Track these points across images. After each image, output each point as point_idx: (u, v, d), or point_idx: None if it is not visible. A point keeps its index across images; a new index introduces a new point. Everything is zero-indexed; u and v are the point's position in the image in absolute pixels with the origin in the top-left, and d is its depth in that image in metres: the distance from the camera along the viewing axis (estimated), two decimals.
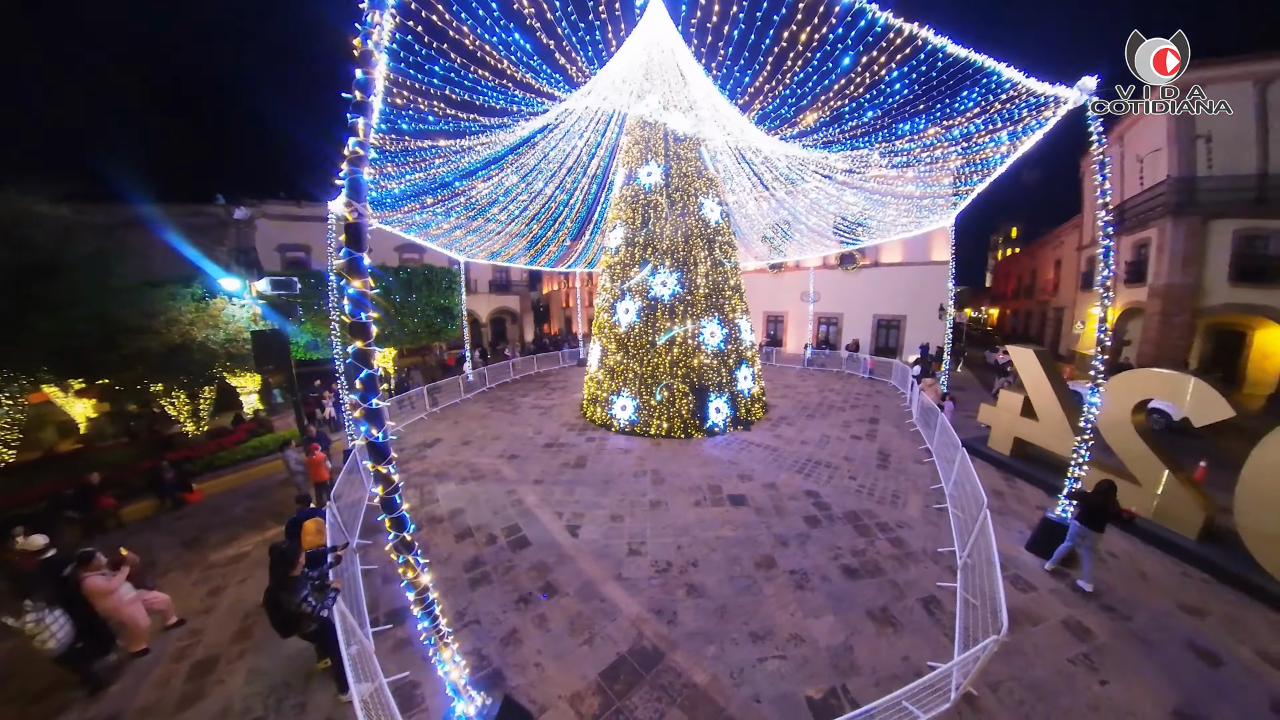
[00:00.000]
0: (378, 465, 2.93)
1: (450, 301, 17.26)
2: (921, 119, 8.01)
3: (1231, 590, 5.33)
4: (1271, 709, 3.81)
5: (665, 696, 3.99)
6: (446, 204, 11.38)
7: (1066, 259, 20.75)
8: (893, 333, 20.85)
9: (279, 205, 19.78)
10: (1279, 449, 5.27)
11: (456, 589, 5.67)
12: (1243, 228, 13.35)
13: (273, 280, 8.43)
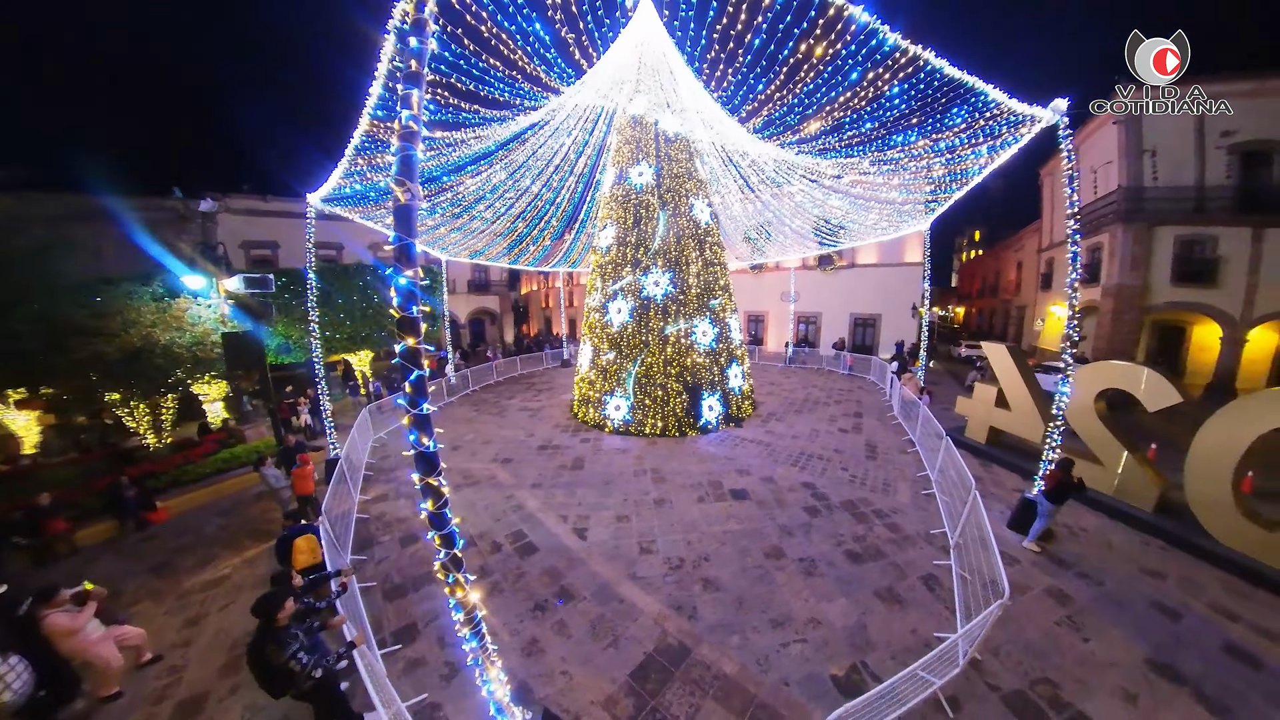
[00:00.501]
0: (428, 478, 2.60)
1: (431, 301, 16.51)
2: (914, 132, 8.28)
3: (1185, 554, 5.98)
4: (1225, 651, 4.41)
5: (698, 690, 4.01)
6: (433, 200, 10.78)
7: (1027, 261, 21.92)
8: (869, 331, 21.43)
9: (243, 199, 18.38)
10: (1220, 431, 5.88)
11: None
12: (1182, 233, 14.39)
13: (246, 278, 7.74)
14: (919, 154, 9.23)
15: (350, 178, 7.44)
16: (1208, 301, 14.18)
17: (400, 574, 5.94)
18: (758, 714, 3.76)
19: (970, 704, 3.81)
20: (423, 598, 5.45)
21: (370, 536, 6.86)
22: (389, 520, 7.34)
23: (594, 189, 16.06)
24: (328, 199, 8.32)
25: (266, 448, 9.45)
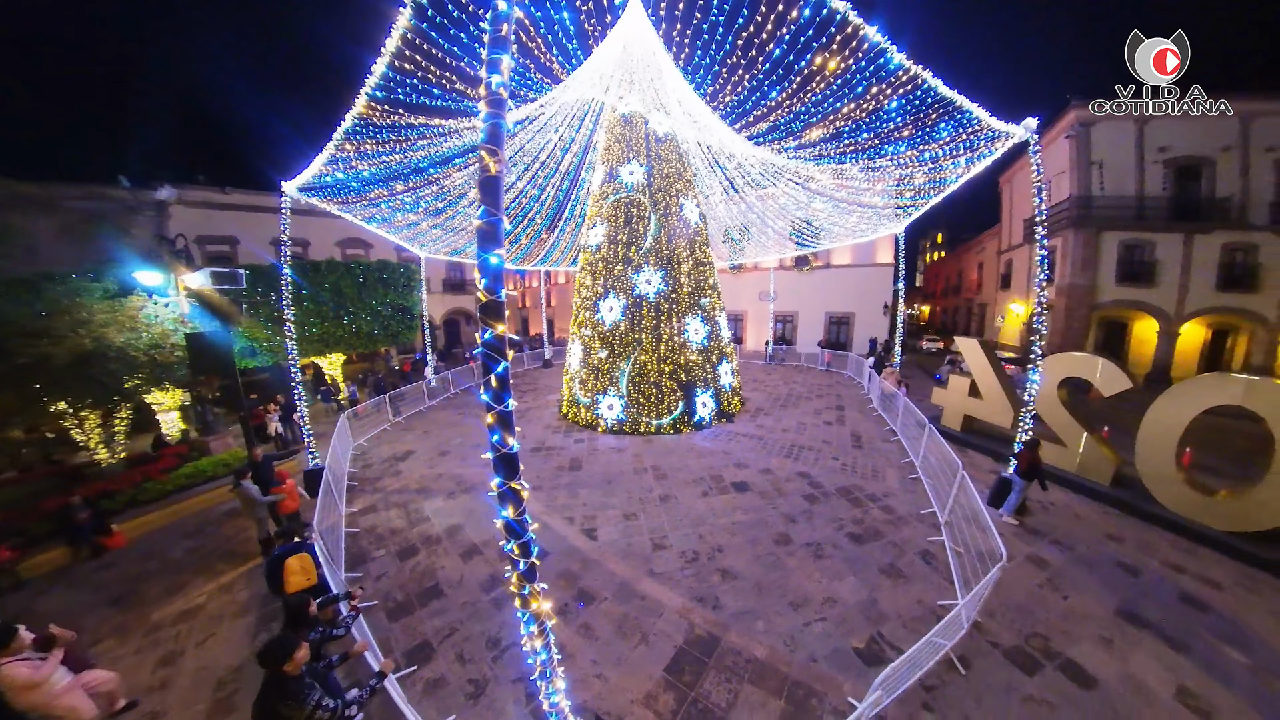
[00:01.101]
0: (513, 482, 2.29)
1: (409, 301, 15.64)
2: (903, 143, 8.56)
3: (1139, 520, 6.73)
4: (1178, 599, 5.10)
5: (733, 676, 4.09)
6: (417, 193, 10.13)
7: (988, 262, 23.16)
8: (843, 329, 22.01)
9: (198, 190, 16.73)
10: (1164, 413, 6.67)
11: (480, 613, 5.01)
12: (1125, 239, 15.55)
13: (214, 273, 6.93)
14: (904, 162, 9.60)
15: (335, 164, 6.81)
16: (1146, 300, 15.37)
17: (403, 590, 5.49)
18: (794, 691, 3.91)
19: (978, 660, 4.21)
20: (432, 613, 5.05)
21: (363, 552, 6.33)
22: (381, 533, 6.81)
23: (579, 187, 15.70)
24: (306, 188, 7.63)
25: (235, 460, 8.58)
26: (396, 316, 15.29)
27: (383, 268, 14.70)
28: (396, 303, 15.12)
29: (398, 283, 15.07)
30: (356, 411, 10.91)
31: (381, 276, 14.53)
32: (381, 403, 12.45)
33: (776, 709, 3.75)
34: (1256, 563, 5.53)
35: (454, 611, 5.05)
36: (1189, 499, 6.27)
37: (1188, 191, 14.86)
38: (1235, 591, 5.17)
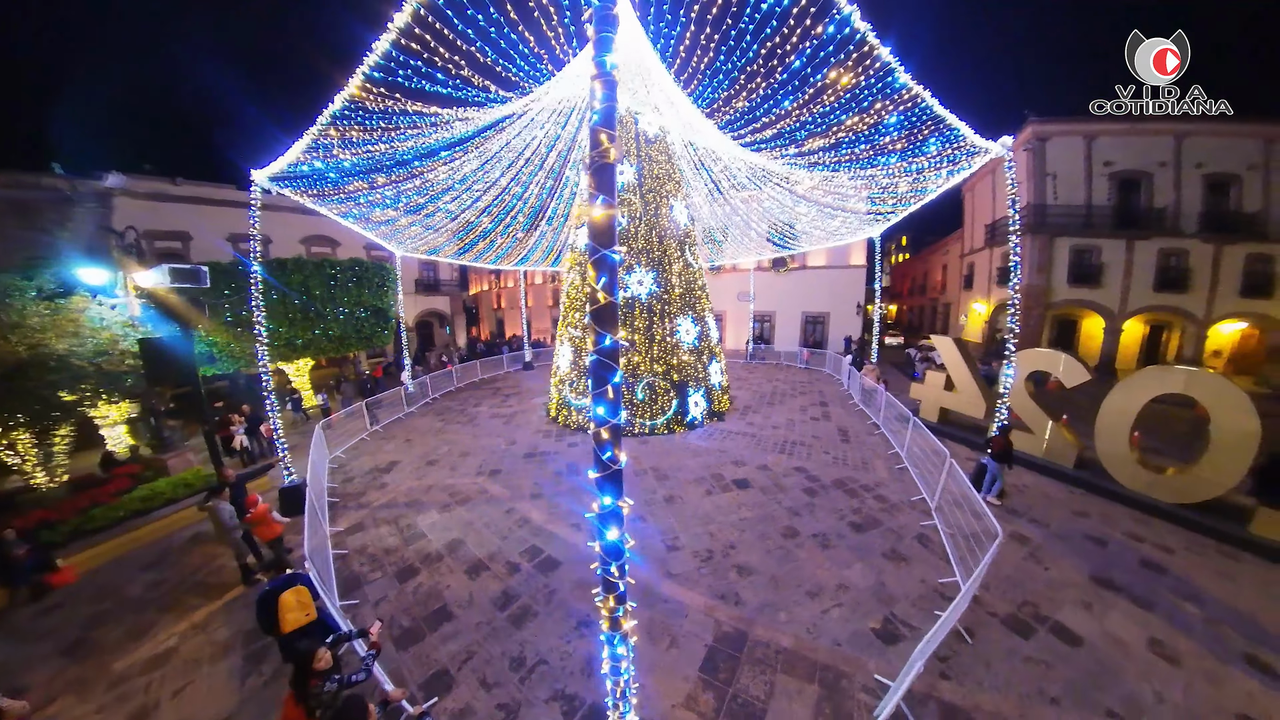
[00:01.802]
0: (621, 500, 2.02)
1: (384, 302, 14.68)
2: (894, 155, 8.76)
3: (1100, 497, 7.35)
4: (1140, 564, 5.68)
5: (766, 668, 4.15)
6: (399, 186, 9.43)
7: (951, 264, 24.31)
8: (819, 328, 22.50)
9: (144, 181, 15.01)
10: (1118, 401, 7.30)
11: (499, 632, 4.66)
12: (1076, 244, 16.66)
13: (173, 270, 6.15)
14: (892, 172, 9.86)
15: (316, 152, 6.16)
16: (1094, 299, 16.52)
17: (409, 615, 5.01)
18: (824, 675, 4.03)
19: (981, 630, 4.55)
20: (445, 638, 4.64)
21: (357, 575, 5.77)
22: (374, 553, 6.24)
23: (564, 185, 15.24)
24: (279, 178, 6.90)
25: (198, 480, 7.67)
26: (370, 318, 14.31)
27: (355, 266, 13.68)
28: (370, 303, 14.14)
29: (372, 282, 14.07)
30: (329, 421, 10.05)
31: (354, 276, 13.52)
32: (357, 410, 11.59)
33: (812, 694, 3.84)
34: (1200, 529, 6.22)
35: (468, 634, 4.67)
36: (1142, 476, 6.95)
37: (1129, 202, 16.09)
38: (1185, 555, 5.83)
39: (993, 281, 19.29)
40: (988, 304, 19.81)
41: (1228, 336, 16.13)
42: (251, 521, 5.57)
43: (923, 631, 4.27)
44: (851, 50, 5.16)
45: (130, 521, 6.56)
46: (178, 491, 7.19)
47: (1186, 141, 15.25)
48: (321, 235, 19.59)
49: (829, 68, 5.81)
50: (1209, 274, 15.57)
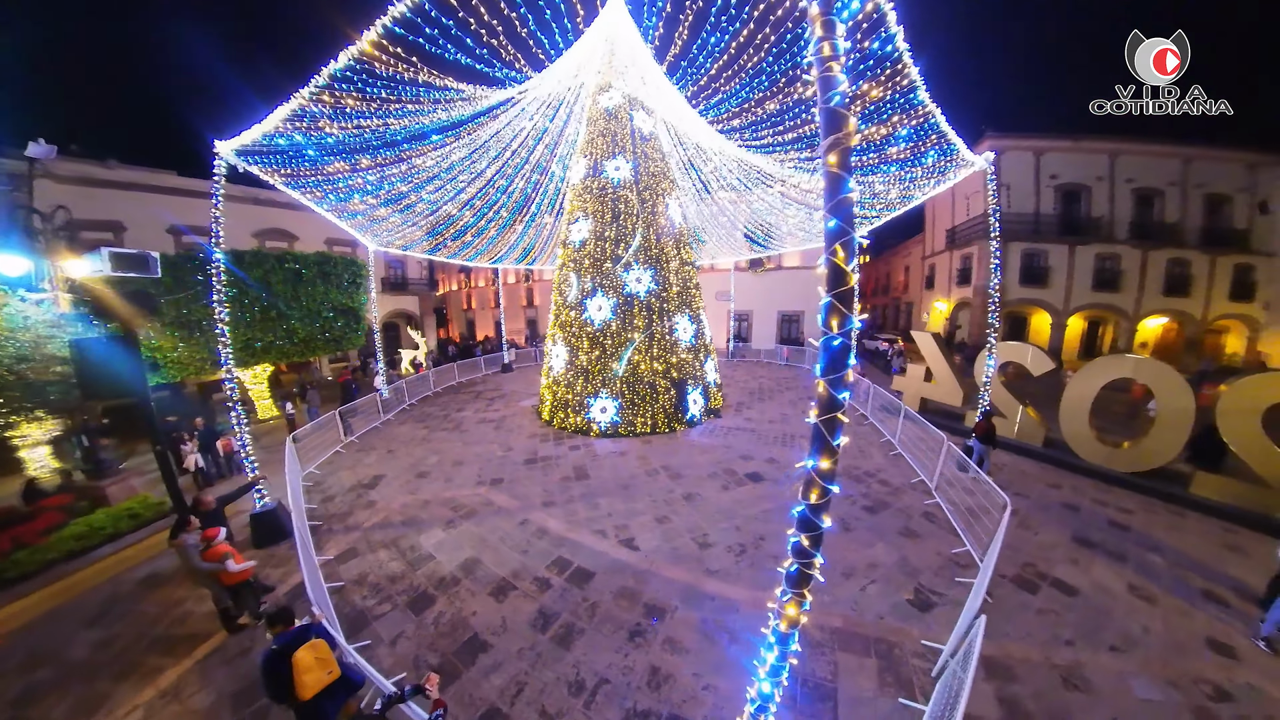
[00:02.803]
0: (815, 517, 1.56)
1: (354, 300, 13.26)
2: (895, 165, 9.10)
3: (1068, 471, 8.06)
4: (1108, 524, 6.36)
5: (825, 649, 4.18)
6: (383, 170, 8.37)
7: (914, 266, 25.50)
8: (794, 326, 22.88)
9: (70, 163, 12.62)
10: (1078, 386, 8.05)
11: (545, 656, 4.14)
12: (1026, 248, 17.88)
13: (115, 255, 4.98)
14: (887, 180, 10.27)
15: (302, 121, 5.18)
16: (1042, 298, 17.77)
17: (436, 651, 4.28)
18: (878, 648, 4.17)
19: (996, 590, 4.94)
20: (485, 671, 4.01)
21: (361, 611, 4.90)
22: (376, 582, 5.37)
23: (550, 178, 14.46)
24: (249, 152, 5.82)
25: (146, 509, 6.32)
26: (339, 319, 12.87)
27: (323, 261, 12.22)
28: (339, 302, 12.71)
29: (340, 279, 12.65)
30: (295, 435, 8.70)
31: (321, 271, 12.08)
32: (329, 421, 10.25)
33: (873, 666, 3.97)
34: (1151, 492, 7.12)
35: (511, 663, 4.09)
36: (1101, 451, 7.77)
37: (1071, 211, 17.47)
38: (1142, 515, 6.65)
39: (953, 282, 20.37)
40: (948, 302, 20.89)
41: (1152, 330, 17.93)
42: (217, 558, 4.38)
43: (950, 597, 4.77)
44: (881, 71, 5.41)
45: (64, 565, 5.19)
46: (121, 525, 5.83)
47: (1119, 159, 16.82)
48: (277, 228, 17.53)
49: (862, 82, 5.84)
50: (1137, 276, 17.21)
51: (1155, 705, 3.56)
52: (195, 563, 4.30)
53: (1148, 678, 3.81)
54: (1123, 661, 3.99)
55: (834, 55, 1.88)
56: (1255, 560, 5.43)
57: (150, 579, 5.55)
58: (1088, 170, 17.06)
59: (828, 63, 1.87)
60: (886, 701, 3.63)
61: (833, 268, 1.89)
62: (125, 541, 5.80)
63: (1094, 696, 3.63)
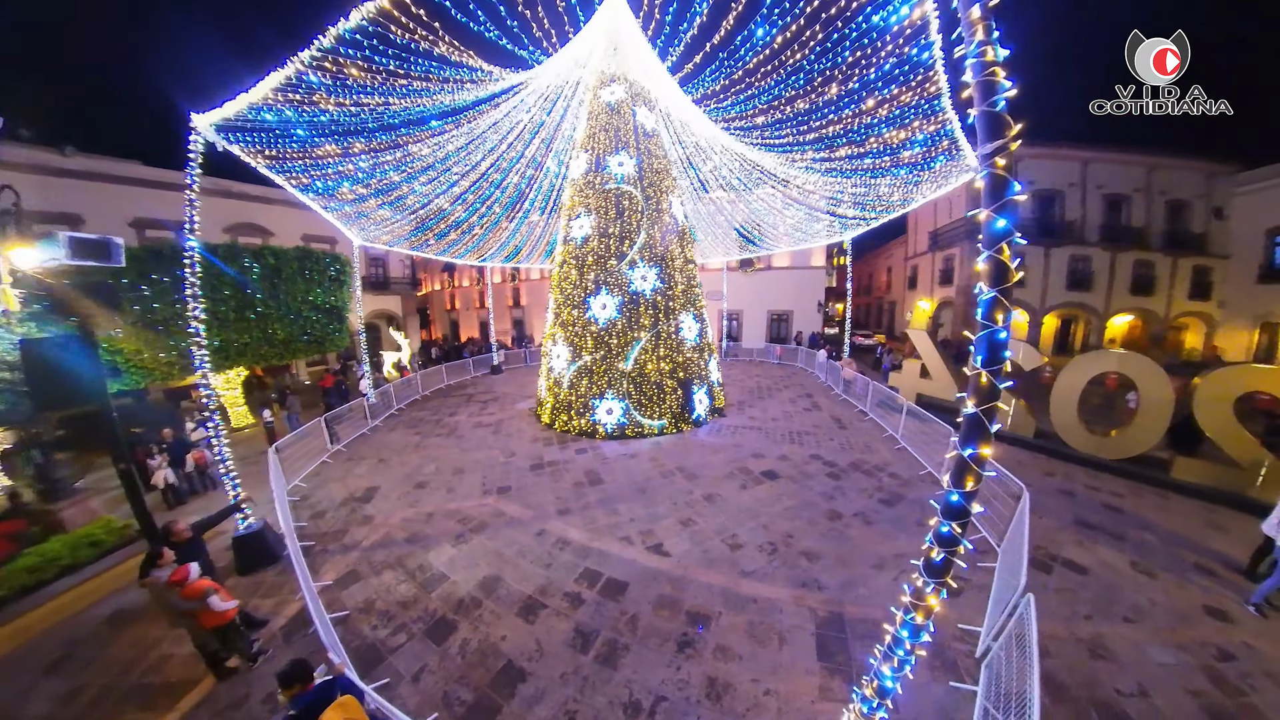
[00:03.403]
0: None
1: (338, 299, 12.32)
2: (904, 168, 8.96)
3: (1059, 459, 8.35)
4: (1103, 507, 6.64)
5: (871, 640, 4.02)
6: (377, 156, 7.64)
7: (896, 267, 26.01)
8: (783, 325, 22.93)
9: (21, 149, 11.12)
10: (1066, 380, 8.32)
11: (592, 679, 3.79)
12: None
13: (75, 242, 4.23)
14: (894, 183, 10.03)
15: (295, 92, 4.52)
16: (1020, 297, 18.24)
17: (467, 685, 3.77)
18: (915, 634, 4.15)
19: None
20: (528, 702, 3.59)
21: (372, 643, 4.31)
22: (385, 609, 4.77)
23: (545, 174, 13.87)
24: (230, 127, 5.09)
25: (109, 535, 5.45)
26: (321, 318, 11.91)
27: (304, 256, 11.26)
28: (321, 301, 11.76)
29: (324, 275, 11.70)
30: (278, 445, 7.84)
31: (302, 267, 11.12)
32: (313, 428, 9.34)
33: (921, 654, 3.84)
34: (1137, 477, 7.47)
35: (556, 690, 3.68)
36: (1089, 440, 8.10)
37: (1047, 215, 18.03)
38: (1131, 498, 6.98)
39: (936, 282, 20.81)
40: (932, 302, 21.35)
41: (1120, 327, 18.76)
42: (190, 596, 3.58)
43: (974, 582, 4.91)
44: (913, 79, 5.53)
45: (15, 604, 4.32)
46: (81, 554, 4.95)
47: (1090, 166, 17.52)
48: (251, 223, 16.19)
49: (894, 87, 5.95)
50: (1107, 276, 17.97)
51: (1171, 668, 3.84)
52: (171, 603, 3.60)
53: (1160, 644, 4.09)
54: (1136, 631, 4.26)
55: (996, 60, 1.88)
56: (1235, 535, 5.85)
57: (118, 616, 4.74)
58: (1062, 176, 17.70)
59: (990, 67, 1.88)
60: (939, 686, 3.68)
61: (997, 264, 1.99)
62: (86, 573, 4.93)
63: (1118, 664, 3.86)
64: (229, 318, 9.57)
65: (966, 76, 1.99)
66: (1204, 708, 3.45)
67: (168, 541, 3.82)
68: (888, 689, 2.58)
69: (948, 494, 2.29)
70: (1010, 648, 3.21)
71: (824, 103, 6.66)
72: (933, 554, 2.32)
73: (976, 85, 1.94)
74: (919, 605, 2.38)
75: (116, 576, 5.07)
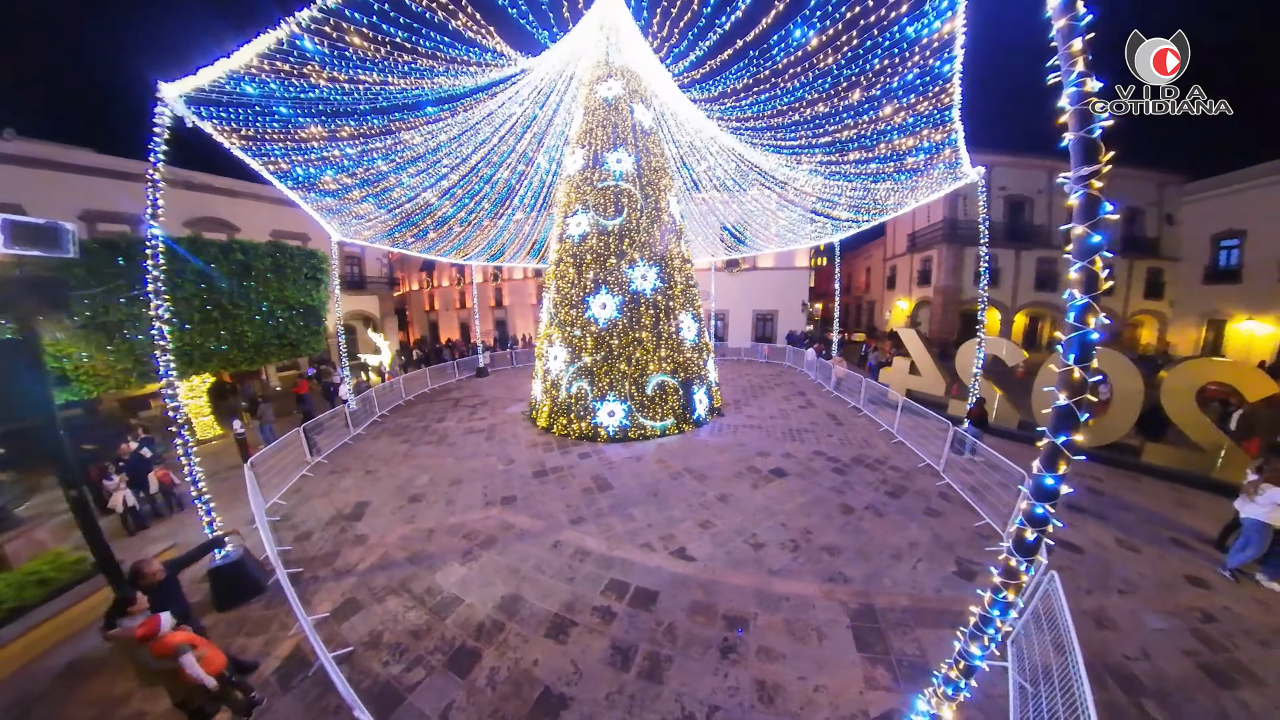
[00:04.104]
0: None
1: (315, 299, 11.39)
2: (904, 174, 9.24)
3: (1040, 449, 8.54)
4: (1087, 491, 6.96)
5: (905, 627, 4.26)
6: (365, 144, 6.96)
7: (875, 267, 26.62)
8: (768, 324, 23.07)
9: None
10: (1047, 374, 8.13)
11: (640, 696, 3.57)
12: (980, 252, 18.90)
13: (13, 227, 3.53)
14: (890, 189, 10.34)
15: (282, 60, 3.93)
16: (994, 297, 18.98)
17: (502, 717, 3.40)
18: (947, 618, 4.32)
19: None
20: None
21: (386, 683, 3.80)
22: (395, 641, 4.26)
23: (535, 169, 13.33)
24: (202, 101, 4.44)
25: (58, 572, 4.64)
26: (296, 319, 10.97)
27: (277, 252, 10.30)
28: (296, 300, 10.83)
29: (298, 273, 10.76)
30: (251, 461, 6.99)
31: (275, 264, 10.18)
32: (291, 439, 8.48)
33: (949, 635, 3.96)
34: (1111, 462, 7.91)
35: (602, 713, 3.42)
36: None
37: (1018, 220, 18.82)
38: (1109, 481, 7.39)
39: (914, 282, 21.40)
40: (910, 301, 21.94)
41: None
42: (162, 656, 2.93)
43: (985, 565, 5.06)
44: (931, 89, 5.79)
45: None
46: (27, 595, 4.16)
47: (1054, 175, 18.25)
48: (215, 218, 14.81)
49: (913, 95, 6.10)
50: None
51: (1165, 632, 4.19)
52: (142, 660, 2.98)
53: (1152, 612, 4.46)
54: (1131, 601, 4.58)
55: (1093, 91, 2.04)
56: (1202, 512, 6.35)
57: (74, 669, 4.00)
58: (1031, 183, 18.55)
59: (1088, 97, 2.04)
60: None
61: (1090, 274, 2.14)
62: (34, 618, 4.15)
63: (1120, 632, 4.13)
64: (193, 319, 8.59)
65: (1062, 103, 2.10)
66: (1198, 665, 3.80)
67: (137, 584, 3.19)
68: (976, 667, 2.65)
69: (1040, 478, 2.39)
70: (1036, 623, 3.38)
71: (844, 108, 6.65)
72: (1026, 534, 2.42)
73: (1073, 114, 2.06)
74: (1010, 584, 2.46)
75: (70, 620, 4.30)
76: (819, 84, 6.15)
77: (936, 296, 19.81)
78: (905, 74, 5.72)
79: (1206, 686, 3.61)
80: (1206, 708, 3.43)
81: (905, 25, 5.06)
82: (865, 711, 3.43)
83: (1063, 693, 2.88)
